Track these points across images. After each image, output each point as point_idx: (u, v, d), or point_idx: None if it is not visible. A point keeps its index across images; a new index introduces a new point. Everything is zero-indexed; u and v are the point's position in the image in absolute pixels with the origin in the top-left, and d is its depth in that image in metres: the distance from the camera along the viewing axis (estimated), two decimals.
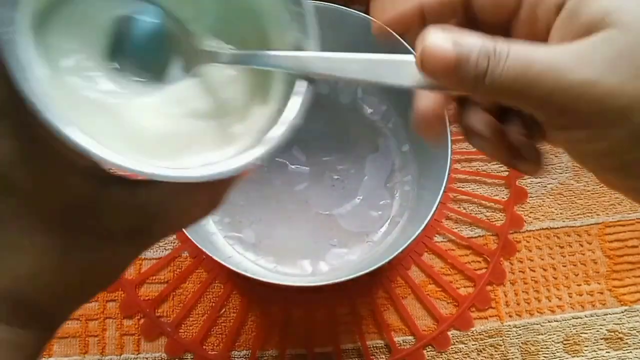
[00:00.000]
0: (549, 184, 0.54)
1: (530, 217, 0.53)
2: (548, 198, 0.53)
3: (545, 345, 0.49)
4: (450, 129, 0.45)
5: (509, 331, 0.49)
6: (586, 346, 0.49)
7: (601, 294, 0.50)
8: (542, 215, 0.53)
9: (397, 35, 0.47)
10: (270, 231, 0.49)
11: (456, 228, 0.52)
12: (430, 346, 0.48)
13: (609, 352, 0.49)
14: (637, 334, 0.49)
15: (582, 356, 0.48)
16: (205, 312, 0.48)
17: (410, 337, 0.48)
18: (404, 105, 0.52)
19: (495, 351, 0.48)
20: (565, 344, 0.49)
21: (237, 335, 0.48)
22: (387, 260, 0.41)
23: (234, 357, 0.47)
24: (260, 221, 0.50)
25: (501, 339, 0.49)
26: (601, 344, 0.49)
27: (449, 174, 0.44)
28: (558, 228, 0.52)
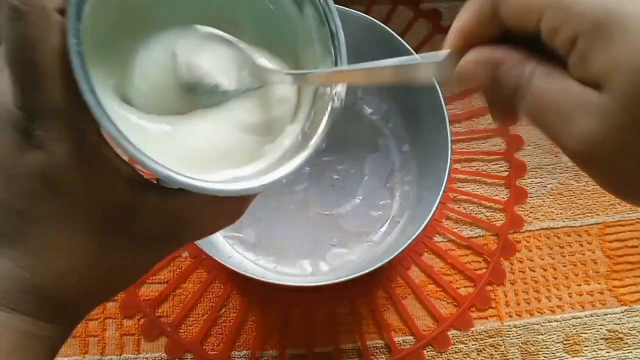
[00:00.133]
0: (549, 184, 0.54)
1: (530, 217, 0.53)
2: (548, 198, 0.53)
3: (545, 345, 0.49)
4: (450, 129, 0.45)
5: (509, 331, 0.49)
6: (586, 346, 0.49)
7: (601, 294, 0.50)
8: (542, 215, 0.53)
9: (399, 37, 0.47)
10: (270, 231, 0.49)
11: (456, 228, 0.52)
12: (430, 346, 0.48)
13: (609, 352, 0.49)
14: (637, 334, 0.49)
15: (582, 356, 0.48)
16: (205, 312, 0.48)
17: (410, 337, 0.48)
18: (404, 106, 0.52)
19: (495, 351, 0.48)
20: (565, 344, 0.49)
21: (237, 335, 0.48)
22: (387, 260, 0.41)
23: (234, 357, 0.47)
24: (260, 221, 0.50)
25: (501, 339, 0.49)
26: (601, 344, 0.49)
27: (449, 174, 0.44)
28: (558, 228, 0.52)
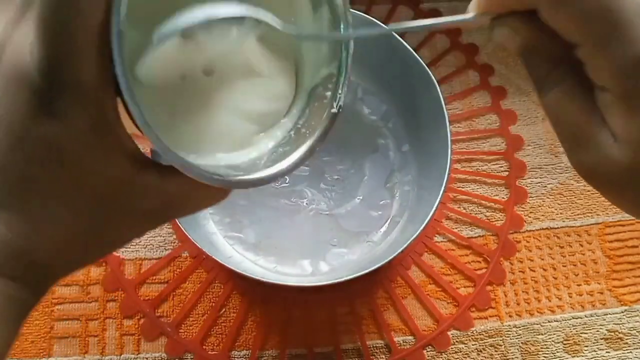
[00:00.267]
0: (549, 184, 0.54)
1: (530, 217, 0.53)
2: (548, 198, 0.53)
3: (545, 345, 0.49)
4: (450, 129, 0.45)
5: (509, 331, 0.49)
6: (586, 346, 0.49)
7: (601, 294, 0.50)
8: (542, 215, 0.53)
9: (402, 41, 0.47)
10: (270, 231, 0.49)
11: (456, 228, 0.52)
12: (430, 346, 0.48)
13: (609, 352, 0.49)
14: (637, 334, 0.49)
15: (582, 356, 0.48)
16: (205, 312, 0.48)
17: (410, 337, 0.48)
18: (404, 106, 0.52)
19: (495, 351, 0.48)
20: (565, 344, 0.49)
21: (237, 335, 0.48)
22: (387, 260, 0.41)
23: (234, 357, 0.47)
24: (260, 221, 0.50)
25: (501, 339, 0.49)
26: (601, 344, 0.49)
27: (449, 174, 0.44)
28: (558, 228, 0.52)
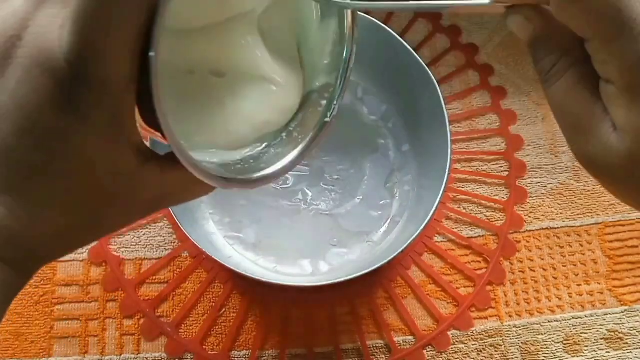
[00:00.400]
0: (549, 184, 0.54)
1: (530, 217, 0.53)
2: (548, 198, 0.53)
3: (545, 345, 0.49)
4: (450, 129, 0.45)
5: (509, 331, 0.49)
6: (586, 346, 0.49)
7: (601, 294, 0.50)
8: (542, 215, 0.53)
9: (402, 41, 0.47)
10: (270, 231, 0.49)
11: (456, 228, 0.52)
12: (430, 346, 0.48)
13: (609, 352, 0.49)
14: (637, 334, 0.49)
15: (582, 356, 0.48)
16: (205, 312, 0.48)
17: (410, 337, 0.48)
18: (404, 105, 0.52)
19: (495, 351, 0.48)
20: (565, 344, 0.49)
21: (237, 335, 0.48)
22: (387, 260, 0.41)
23: (234, 357, 0.47)
24: (260, 221, 0.50)
25: (501, 339, 0.49)
26: (601, 344, 0.49)
27: (449, 174, 0.44)
28: (558, 228, 0.52)
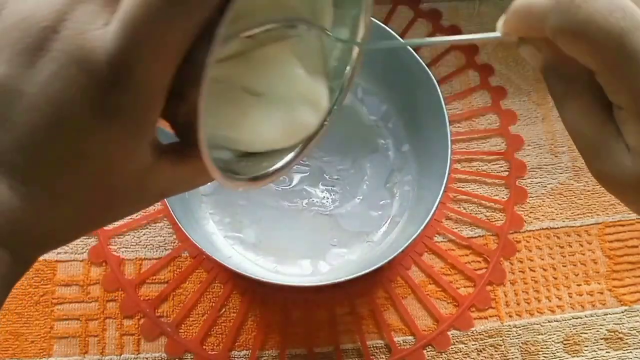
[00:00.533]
0: (549, 184, 0.54)
1: (530, 217, 0.53)
2: (548, 198, 0.53)
3: (545, 345, 0.49)
4: (450, 129, 0.45)
5: (509, 331, 0.49)
6: (586, 346, 0.49)
7: (601, 294, 0.50)
8: (542, 215, 0.53)
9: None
10: (270, 231, 0.49)
11: (456, 228, 0.52)
12: (430, 346, 0.48)
13: (609, 352, 0.49)
14: (637, 334, 0.49)
15: (582, 356, 0.48)
16: (205, 312, 0.48)
17: (410, 337, 0.48)
18: (403, 106, 0.52)
19: (495, 351, 0.48)
20: (565, 344, 0.49)
21: (237, 335, 0.48)
22: (387, 260, 0.41)
23: (234, 357, 0.47)
24: (260, 221, 0.50)
25: (501, 339, 0.49)
26: (601, 344, 0.49)
27: (449, 174, 0.44)
28: (558, 228, 0.52)
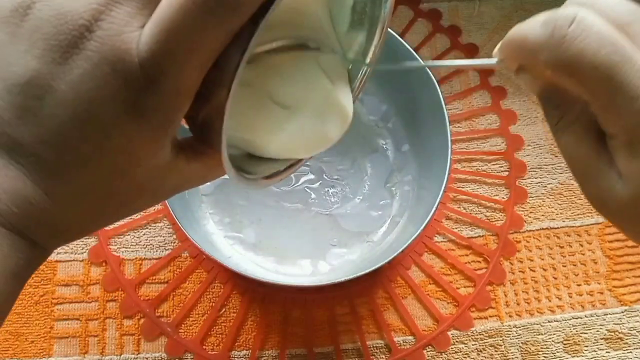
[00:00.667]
0: (549, 184, 0.54)
1: (530, 217, 0.53)
2: (548, 198, 0.53)
3: (545, 345, 0.49)
4: (450, 129, 0.45)
5: (509, 331, 0.49)
6: (586, 346, 0.49)
7: (601, 294, 0.50)
8: (542, 215, 0.53)
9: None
10: (270, 231, 0.49)
11: (456, 228, 0.52)
12: (430, 346, 0.48)
13: (609, 352, 0.49)
14: (637, 334, 0.49)
15: (582, 356, 0.48)
16: (205, 312, 0.48)
17: (410, 337, 0.48)
18: (403, 106, 0.52)
19: (495, 351, 0.48)
20: (565, 344, 0.49)
21: (237, 335, 0.48)
22: (387, 260, 0.41)
23: (234, 357, 0.47)
24: (260, 221, 0.50)
25: (501, 339, 0.49)
26: (601, 344, 0.49)
27: (449, 174, 0.44)
28: (558, 228, 0.52)
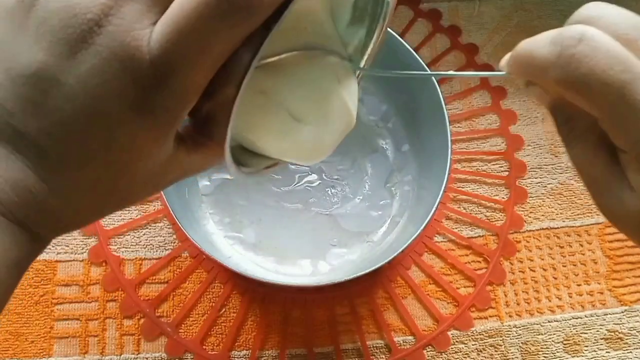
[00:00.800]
0: (549, 184, 0.54)
1: (530, 217, 0.53)
2: (548, 198, 0.53)
3: (545, 345, 0.49)
4: (450, 129, 0.45)
5: (509, 331, 0.49)
6: (586, 346, 0.49)
7: (601, 294, 0.50)
8: (542, 215, 0.53)
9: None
10: (270, 231, 0.49)
11: (456, 228, 0.52)
12: (430, 346, 0.48)
13: (609, 352, 0.49)
14: (637, 334, 0.49)
15: (582, 356, 0.48)
16: (205, 312, 0.48)
17: (410, 337, 0.48)
18: (403, 106, 0.52)
19: (495, 351, 0.48)
20: (565, 344, 0.49)
21: (237, 335, 0.48)
22: (387, 260, 0.41)
23: (234, 357, 0.47)
24: (260, 221, 0.50)
25: (501, 339, 0.49)
26: (601, 344, 0.49)
27: (449, 174, 0.44)
28: (558, 228, 0.52)
